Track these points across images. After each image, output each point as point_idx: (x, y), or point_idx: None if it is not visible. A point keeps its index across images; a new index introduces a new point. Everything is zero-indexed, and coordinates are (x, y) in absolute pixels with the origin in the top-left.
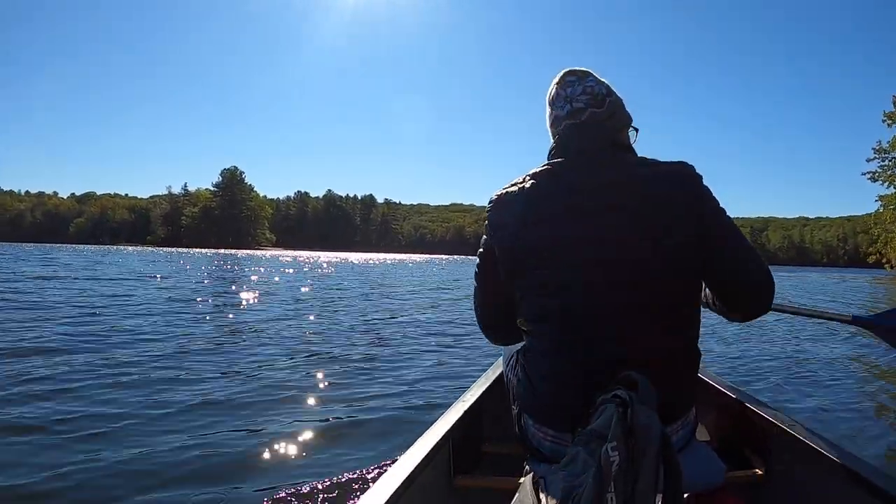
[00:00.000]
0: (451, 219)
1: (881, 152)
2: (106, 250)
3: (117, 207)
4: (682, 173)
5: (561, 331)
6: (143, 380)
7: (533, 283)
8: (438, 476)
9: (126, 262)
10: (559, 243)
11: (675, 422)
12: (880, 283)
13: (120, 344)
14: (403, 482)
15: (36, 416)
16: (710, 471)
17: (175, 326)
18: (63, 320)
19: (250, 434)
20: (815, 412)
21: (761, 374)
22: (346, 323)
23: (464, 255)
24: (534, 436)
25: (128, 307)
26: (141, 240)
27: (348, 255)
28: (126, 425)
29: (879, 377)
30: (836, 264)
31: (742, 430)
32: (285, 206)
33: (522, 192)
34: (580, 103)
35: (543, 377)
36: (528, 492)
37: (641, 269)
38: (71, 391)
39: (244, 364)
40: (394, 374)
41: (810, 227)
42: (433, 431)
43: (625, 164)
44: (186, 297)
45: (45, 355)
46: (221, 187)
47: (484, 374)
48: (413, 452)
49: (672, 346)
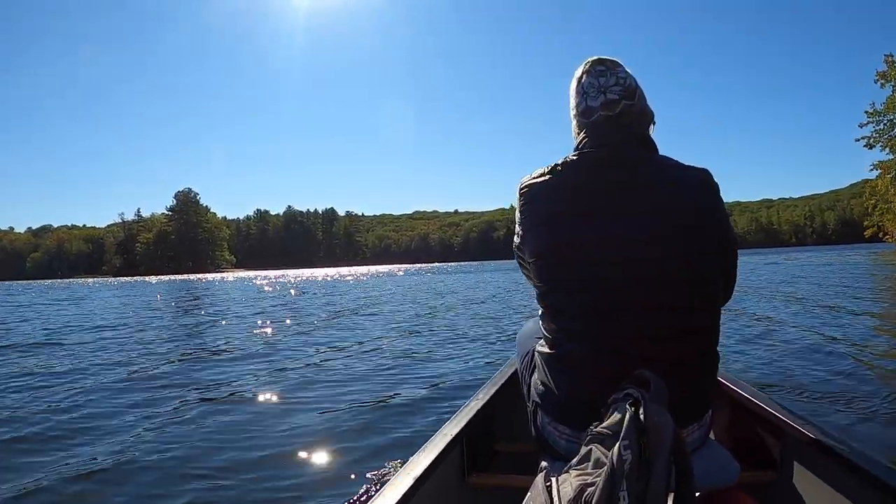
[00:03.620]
0: (415, 227)
1: (875, 115)
2: (52, 284)
3: (74, 239)
4: (708, 181)
5: (578, 328)
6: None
7: (555, 276)
8: (452, 474)
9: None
10: (586, 239)
11: (691, 423)
12: (888, 260)
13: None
14: (417, 479)
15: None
16: (723, 471)
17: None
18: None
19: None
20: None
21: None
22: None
23: (429, 264)
24: (549, 434)
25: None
26: (100, 270)
27: (313, 272)
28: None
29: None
30: (804, 243)
31: (757, 431)
32: (245, 225)
33: (552, 184)
34: (614, 94)
35: (560, 374)
36: (541, 490)
37: (664, 271)
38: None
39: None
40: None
41: (776, 209)
42: (447, 430)
43: (657, 165)
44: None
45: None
46: (176, 210)
47: (497, 373)
48: (427, 450)
49: (691, 348)
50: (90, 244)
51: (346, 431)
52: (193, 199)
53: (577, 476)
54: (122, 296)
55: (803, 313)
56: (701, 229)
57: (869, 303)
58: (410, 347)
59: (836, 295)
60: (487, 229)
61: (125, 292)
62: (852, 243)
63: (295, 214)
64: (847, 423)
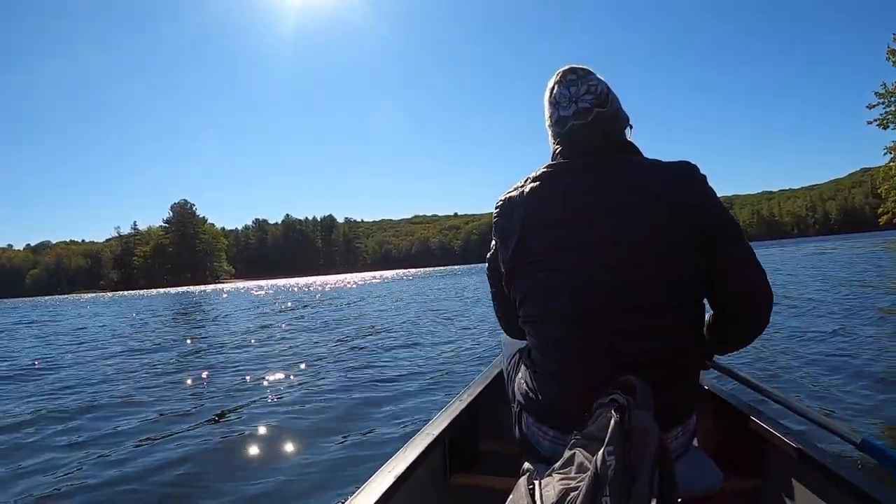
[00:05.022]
0: (415, 231)
1: (887, 95)
2: (37, 302)
3: (72, 255)
4: (687, 174)
5: (563, 332)
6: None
7: (537, 284)
8: (433, 474)
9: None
10: (565, 246)
11: (674, 428)
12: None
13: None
14: (397, 479)
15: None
16: (706, 478)
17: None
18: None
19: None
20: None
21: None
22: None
23: (429, 268)
24: (533, 435)
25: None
26: (98, 285)
27: (314, 280)
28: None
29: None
30: (806, 234)
31: (740, 438)
32: (244, 235)
33: (526, 196)
34: (586, 103)
35: (545, 377)
36: (524, 492)
37: (646, 273)
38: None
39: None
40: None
41: (777, 200)
42: (429, 429)
43: (632, 166)
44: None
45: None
46: (172, 222)
47: (483, 373)
48: (408, 450)
49: (674, 350)
50: (89, 259)
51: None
52: (190, 211)
53: (560, 480)
54: (96, 314)
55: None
56: (682, 226)
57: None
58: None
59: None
60: (488, 231)
61: (104, 309)
62: (853, 233)
63: (293, 223)
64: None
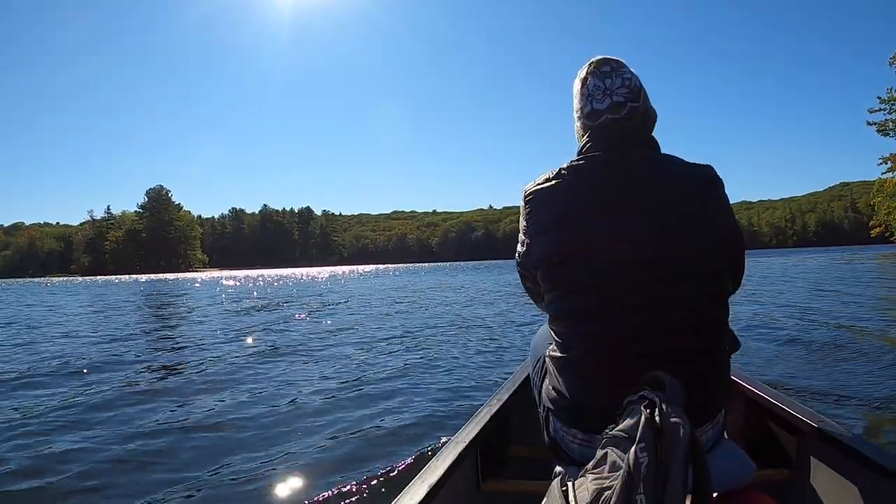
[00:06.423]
0: (393, 227)
1: (890, 101)
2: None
3: (45, 237)
4: (712, 177)
5: (590, 331)
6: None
7: (565, 281)
8: (466, 481)
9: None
10: (598, 241)
11: (705, 423)
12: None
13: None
14: (432, 487)
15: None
16: (739, 470)
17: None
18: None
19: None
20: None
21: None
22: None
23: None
24: (562, 438)
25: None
26: (69, 269)
27: (288, 272)
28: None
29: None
30: (784, 245)
31: (772, 429)
32: (220, 224)
33: (559, 188)
34: (620, 97)
35: (571, 378)
36: (557, 495)
37: (674, 270)
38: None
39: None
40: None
41: (756, 211)
42: (460, 436)
43: (663, 164)
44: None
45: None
46: (147, 208)
47: (510, 378)
48: (441, 457)
49: (703, 347)
50: (62, 242)
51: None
52: (165, 197)
53: (593, 480)
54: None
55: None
56: (707, 224)
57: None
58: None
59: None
60: (466, 230)
61: (64, 298)
62: (831, 245)
63: (270, 213)
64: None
